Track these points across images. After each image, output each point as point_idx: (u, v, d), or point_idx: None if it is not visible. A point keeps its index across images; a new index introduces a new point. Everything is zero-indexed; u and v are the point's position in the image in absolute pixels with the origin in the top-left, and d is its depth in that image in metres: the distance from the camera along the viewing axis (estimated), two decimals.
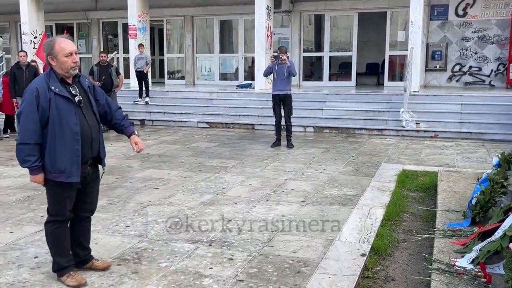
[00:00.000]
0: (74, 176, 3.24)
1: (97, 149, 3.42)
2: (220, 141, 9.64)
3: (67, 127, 3.18)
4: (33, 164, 3.15)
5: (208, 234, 4.39)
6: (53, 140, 3.17)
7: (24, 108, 3.13)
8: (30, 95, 3.14)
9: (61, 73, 3.23)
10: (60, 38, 3.26)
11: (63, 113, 3.17)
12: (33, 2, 14.85)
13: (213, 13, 16.17)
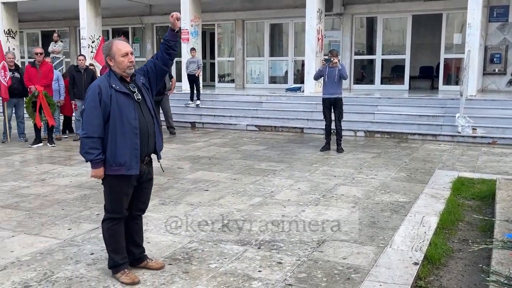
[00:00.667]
0: (133, 169, 3.37)
1: (153, 145, 3.54)
2: (269, 144, 9.66)
3: (127, 122, 3.32)
4: (96, 157, 3.29)
5: (257, 237, 4.40)
6: (114, 135, 3.31)
7: (88, 104, 3.30)
8: (93, 92, 3.30)
9: (119, 72, 3.39)
10: (116, 40, 3.43)
11: (123, 108, 3.31)
12: (91, 8, 15.46)
13: (263, 16, 16.26)
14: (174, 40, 3.54)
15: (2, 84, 9.31)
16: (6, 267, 3.72)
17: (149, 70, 3.58)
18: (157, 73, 3.59)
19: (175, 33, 3.51)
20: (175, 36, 3.53)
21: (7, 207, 5.32)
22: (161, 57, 3.57)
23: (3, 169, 7.27)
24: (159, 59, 3.58)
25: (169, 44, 3.53)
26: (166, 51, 3.54)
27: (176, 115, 12.16)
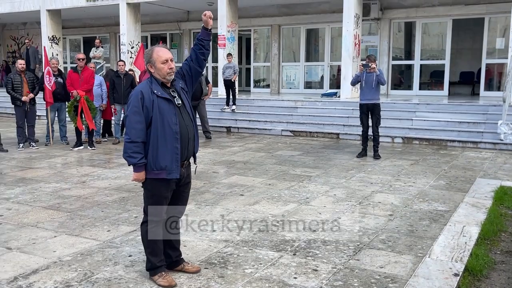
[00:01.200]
0: (174, 173, 3.43)
1: (192, 149, 3.59)
2: (304, 150, 9.62)
3: (168, 127, 3.38)
4: (138, 161, 3.37)
5: (292, 243, 4.38)
6: (156, 139, 3.38)
7: (131, 110, 3.38)
8: (136, 98, 3.38)
9: (160, 78, 3.45)
10: (157, 47, 3.50)
11: (164, 114, 3.38)
12: (131, 15, 15.85)
13: (300, 22, 16.26)
14: (207, 39, 3.60)
15: (47, 89, 9.63)
16: (49, 266, 3.84)
17: (185, 73, 3.65)
18: (192, 75, 3.66)
19: (208, 31, 3.57)
20: (208, 35, 3.59)
21: (49, 208, 5.50)
22: (195, 58, 3.63)
23: (46, 171, 7.52)
24: (193, 60, 3.63)
25: (202, 43, 3.58)
26: (200, 51, 3.59)
27: (212, 119, 12.29)
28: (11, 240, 4.43)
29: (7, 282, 3.54)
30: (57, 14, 17.56)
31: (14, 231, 4.68)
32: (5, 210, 5.39)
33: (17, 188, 6.42)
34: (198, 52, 3.60)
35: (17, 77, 9.46)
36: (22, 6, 17.73)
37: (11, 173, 7.36)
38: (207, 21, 3.50)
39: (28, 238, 4.47)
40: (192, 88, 3.70)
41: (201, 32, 3.58)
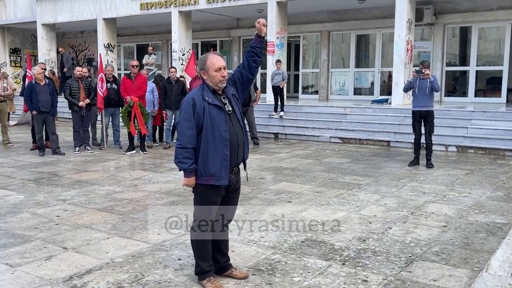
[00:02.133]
0: (223, 180, 3.45)
1: (242, 155, 3.60)
2: (353, 157, 9.46)
3: (218, 134, 3.41)
4: (189, 167, 3.41)
5: (341, 253, 4.30)
6: (206, 146, 3.41)
7: (183, 116, 3.43)
8: (188, 104, 3.43)
9: (212, 85, 3.49)
10: (211, 55, 3.52)
11: (215, 120, 3.41)
12: (183, 22, 16.20)
13: (350, 27, 16.08)
14: (260, 47, 3.59)
15: (98, 95, 9.97)
16: (102, 267, 3.95)
17: (236, 80, 3.66)
18: (244, 82, 3.66)
19: (261, 39, 3.56)
20: (261, 42, 3.58)
21: (103, 210, 5.67)
22: (247, 65, 3.63)
23: (100, 174, 7.78)
24: (245, 68, 3.64)
25: (255, 51, 3.58)
26: (252, 58, 3.59)
27: (260, 126, 12.32)
28: (67, 240, 4.59)
29: (63, 281, 3.67)
30: (113, 23, 18.21)
31: (69, 231, 4.86)
32: (62, 211, 5.61)
33: (73, 190, 6.67)
34: (251, 60, 3.61)
35: (74, 83, 9.87)
36: (80, 15, 18.52)
37: (67, 176, 7.66)
38: (260, 28, 3.50)
39: (83, 239, 4.62)
40: (243, 95, 3.71)
41: (254, 39, 3.58)
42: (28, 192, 6.51)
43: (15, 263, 4.01)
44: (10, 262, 4.03)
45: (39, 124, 9.60)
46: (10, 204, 5.91)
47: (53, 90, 9.66)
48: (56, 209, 5.69)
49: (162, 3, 16.24)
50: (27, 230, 4.87)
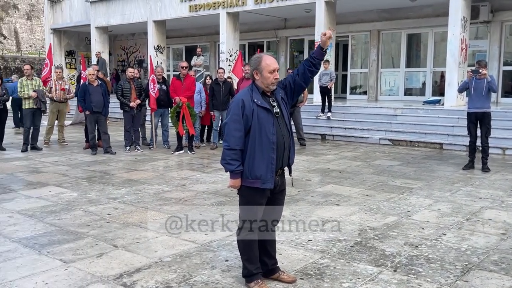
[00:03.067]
0: (268, 183, 3.41)
1: (287, 159, 3.56)
2: (404, 160, 9.18)
3: (265, 136, 3.37)
4: (236, 169, 3.38)
5: (393, 259, 4.16)
6: (253, 148, 3.38)
7: (231, 118, 3.39)
8: (237, 106, 3.39)
9: (262, 87, 3.45)
10: (266, 56, 3.49)
11: (263, 123, 3.38)
12: (230, 24, 16.30)
13: (401, 26, 15.67)
14: (320, 58, 3.53)
15: (151, 96, 10.18)
16: (150, 266, 3.99)
17: (287, 85, 3.60)
18: (295, 89, 3.60)
19: (323, 51, 3.48)
20: (322, 55, 3.51)
21: (152, 209, 5.76)
22: (302, 73, 3.56)
23: (150, 173, 7.92)
24: (300, 75, 3.57)
25: (313, 62, 3.51)
26: (309, 68, 3.52)
27: (307, 126, 12.20)
28: (117, 238, 4.68)
29: (113, 279, 3.73)
30: (162, 25, 18.58)
31: (120, 229, 4.95)
32: (113, 209, 5.74)
33: (123, 188, 6.82)
34: (307, 69, 3.54)
35: (126, 84, 10.12)
36: (131, 18, 19.01)
37: (118, 174, 7.84)
38: (325, 41, 3.42)
39: (132, 237, 4.70)
40: (292, 101, 3.67)
41: (316, 50, 3.51)
42: (81, 190, 6.71)
43: (69, 259, 4.12)
44: (64, 258, 4.15)
45: (91, 124, 9.90)
46: (64, 201, 6.10)
47: (105, 91, 9.94)
48: (107, 207, 5.83)
49: (210, 4, 16.41)
50: (80, 227, 5.01)
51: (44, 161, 9.12)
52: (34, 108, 10.27)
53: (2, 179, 7.46)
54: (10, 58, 37.53)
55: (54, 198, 6.24)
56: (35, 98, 10.20)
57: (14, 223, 5.16)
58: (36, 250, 4.34)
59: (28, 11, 44.16)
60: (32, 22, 44.23)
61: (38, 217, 5.38)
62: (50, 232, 4.85)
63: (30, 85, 10.27)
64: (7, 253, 4.27)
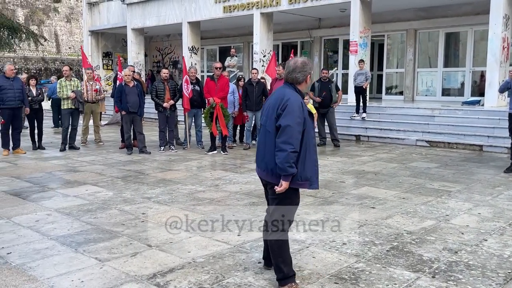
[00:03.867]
0: (315, 184, 3.48)
1: None
2: (442, 162, 8.93)
3: (311, 138, 3.45)
4: (295, 171, 3.36)
5: (431, 264, 4.02)
6: (305, 150, 3.41)
7: (296, 120, 3.32)
8: (299, 108, 3.36)
9: (302, 91, 3.57)
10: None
11: (309, 125, 3.43)
12: (264, 24, 16.28)
13: (438, 25, 15.28)
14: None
15: (184, 96, 10.26)
16: (184, 266, 3.99)
17: None
18: None
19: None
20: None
21: (185, 209, 5.78)
22: None
23: (183, 173, 7.97)
24: None
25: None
26: None
27: (341, 127, 12.05)
28: (151, 237, 4.71)
29: (147, 278, 3.75)
30: (197, 26, 18.74)
31: (154, 229, 4.99)
32: (147, 208, 5.79)
33: (157, 188, 6.89)
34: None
35: (160, 85, 10.24)
36: (167, 19, 19.25)
37: (152, 174, 7.93)
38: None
39: (166, 237, 4.72)
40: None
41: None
42: (117, 189, 6.81)
43: (104, 258, 4.18)
44: (99, 256, 4.21)
45: (127, 124, 10.06)
46: (100, 200, 6.20)
47: (141, 92, 10.08)
48: (141, 206, 5.89)
49: (244, 5, 16.44)
50: (115, 226, 5.07)
51: (81, 160, 9.33)
52: (72, 109, 10.54)
53: (41, 177, 7.67)
54: (50, 60, 38.72)
55: (91, 197, 6.35)
56: (73, 99, 10.45)
57: (52, 221, 5.27)
58: (72, 248, 4.42)
59: (68, 14, 45.44)
60: (71, 24, 45.48)
61: (75, 216, 5.48)
62: (86, 231, 4.93)
63: (69, 85, 10.53)
64: (45, 250, 4.37)
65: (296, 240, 4.61)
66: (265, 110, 3.59)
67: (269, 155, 3.43)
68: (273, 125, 3.41)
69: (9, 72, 9.62)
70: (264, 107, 3.69)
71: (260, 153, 3.57)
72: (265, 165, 3.49)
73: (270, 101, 3.55)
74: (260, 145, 3.59)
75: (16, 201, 6.15)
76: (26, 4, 42.57)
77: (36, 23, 41.89)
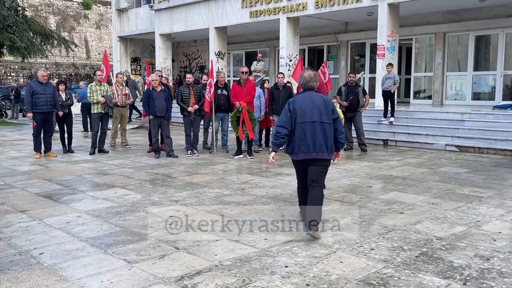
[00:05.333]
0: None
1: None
2: (472, 167, 8.74)
3: None
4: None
5: (462, 271, 3.93)
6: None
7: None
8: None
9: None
10: None
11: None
12: (291, 29, 16.28)
13: (468, 28, 14.99)
14: None
15: (206, 100, 10.29)
16: (211, 269, 4.01)
17: None
18: None
19: None
20: None
21: (212, 212, 5.81)
22: None
23: (210, 177, 8.02)
24: None
25: None
26: None
27: (368, 132, 11.93)
28: (178, 240, 4.75)
29: (175, 280, 3.78)
30: (223, 31, 18.87)
31: (181, 232, 5.03)
32: (175, 211, 5.85)
33: (184, 191, 6.95)
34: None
35: (185, 90, 10.34)
36: (194, 24, 19.46)
37: (180, 177, 8.00)
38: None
39: (193, 240, 4.75)
40: None
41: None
42: (145, 192, 6.90)
43: (132, 259, 4.23)
44: (128, 258, 4.27)
45: (155, 128, 10.19)
46: (129, 203, 6.30)
47: (168, 96, 10.20)
48: (169, 209, 5.95)
49: (271, 10, 16.48)
50: (143, 229, 5.14)
51: (110, 163, 9.49)
52: (101, 113, 10.75)
53: (72, 180, 7.83)
54: (80, 65, 39.58)
55: (119, 200, 6.46)
56: (103, 104, 10.66)
57: (82, 223, 5.38)
58: (102, 250, 4.49)
59: (97, 20, 46.40)
60: (101, 30, 46.41)
61: (104, 218, 5.58)
62: (115, 233, 5.01)
63: (99, 90, 10.75)
64: (75, 251, 4.46)
65: (323, 244, 4.58)
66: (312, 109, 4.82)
67: (330, 138, 4.87)
68: (330, 119, 4.86)
69: (41, 78, 9.92)
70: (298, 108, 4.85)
71: (318, 139, 4.79)
72: (326, 147, 4.83)
73: (314, 103, 4.85)
74: (316, 134, 4.80)
75: (48, 203, 6.30)
76: (57, 11, 43.66)
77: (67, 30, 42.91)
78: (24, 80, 34.91)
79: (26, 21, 20.96)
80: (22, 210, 5.96)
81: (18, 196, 6.69)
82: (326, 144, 4.80)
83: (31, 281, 3.79)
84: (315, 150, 4.80)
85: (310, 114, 4.80)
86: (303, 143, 4.82)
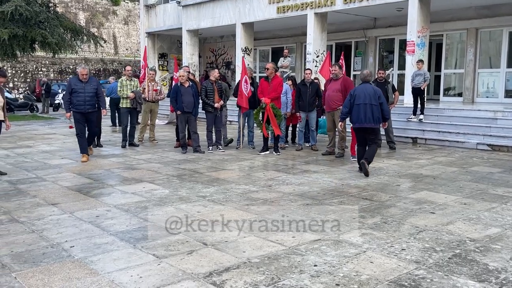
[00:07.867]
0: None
1: None
2: (506, 167, 8.49)
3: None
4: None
5: (498, 275, 3.81)
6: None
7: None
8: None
9: None
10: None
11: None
12: (318, 25, 16.13)
13: (502, 24, 14.59)
14: None
15: (243, 95, 10.29)
16: (239, 266, 3.99)
17: None
18: None
19: None
20: None
21: (239, 208, 5.79)
22: None
23: (236, 173, 8.01)
24: None
25: None
26: None
27: (397, 129, 11.74)
28: (206, 236, 4.75)
29: (203, 276, 3.77)
30: (250, 27, 18.84)
31: (209, 227, 5.02)
32: (202, 207, 5.85)
33: (212, 187, 6.95)
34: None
35: (210, 86, 10.32)
36: (221, 21, 19.49)
37: (206, 173, 8.02)
38: None
39: (221, 236, 4.74)
40: None
41: None
42: (172, 187, 6.94)
43: (161, 254, 4.25)
44: (157, 253, 4.28)
45: (182, 124, 10.24)
46: (157, 197, 6.34)
47: (195, 92, 10.21)
48: (196, 205, 5.96)
49: (298, 5, 16.35)
50: (171, 224, 5.15)
51: (138, 158, 9.59)
52: (130, 108, 10.85)
53: (101, 174, 7.93)
54: (108, 61, 40.14)
55: (148, 194, 6.50)
56: (132, 99, 10.76)
57: (112, 217, 5.43)
58: (131, 244, 4.52)
59: (125, 16, 46.95)
60: (129, 26, 46.95)
61: (133, 212, 5.62)
62: (144, 227, 5.04)
63: (129, 85, 10.86)
64: (105, 245, 4.50)
65: (352, 244, 4.51)
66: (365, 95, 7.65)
67: (377, 113, 7.63)
68: (377, 102, 7.65)
69: (80, 76, 8.96)
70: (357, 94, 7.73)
71: (368, 114, 7.60)
72: (373, 119, 7.62)
73: (366, 92, 7.69)
74: (367, 111, 7.61)
75: (78, 197, 6.39)
76: (87, 7, 44.37)
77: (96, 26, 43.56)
78: (55, 75, 35.64)
79: (57, 17, 21.33)
80: (53, 203, 6.06)
81: (49, 189, 6.81)
82: (373, 118, 7.61)
83: (62, 273, 3.83)
84: (365, 121, 7.64)
85: (363, 98, 7.64)
86: (358, 117, 7.68)
